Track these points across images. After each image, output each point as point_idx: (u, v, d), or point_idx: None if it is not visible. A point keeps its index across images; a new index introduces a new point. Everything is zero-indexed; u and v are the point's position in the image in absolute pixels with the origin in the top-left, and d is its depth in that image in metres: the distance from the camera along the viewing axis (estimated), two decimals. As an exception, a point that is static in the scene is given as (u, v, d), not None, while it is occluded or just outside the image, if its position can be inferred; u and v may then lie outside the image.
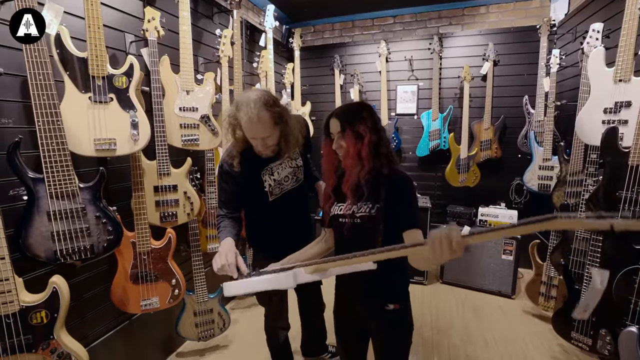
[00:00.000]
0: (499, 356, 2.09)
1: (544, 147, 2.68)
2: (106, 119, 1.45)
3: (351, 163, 1.11)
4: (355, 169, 1.11)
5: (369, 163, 1.10)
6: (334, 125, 1.14)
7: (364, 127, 1.10)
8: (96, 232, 1.41)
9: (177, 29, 1.88)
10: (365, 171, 1.10)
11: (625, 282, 1.40)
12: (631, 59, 1.57)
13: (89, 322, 1.67)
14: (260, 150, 1.38)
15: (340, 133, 1.13)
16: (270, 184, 1.48)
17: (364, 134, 1.10)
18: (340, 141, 1.13)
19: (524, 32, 3.10)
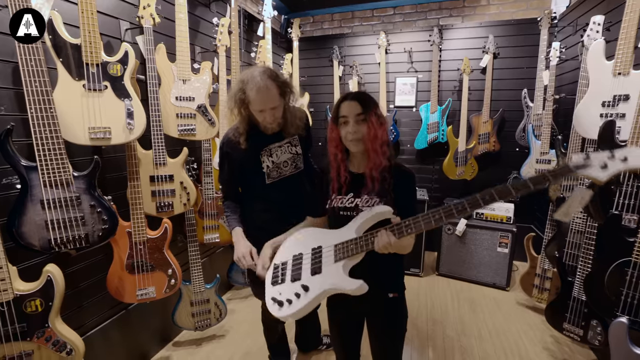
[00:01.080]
0: (492, 347, 2.12)
1: (541, 140, 2.68)
2: (101, 107, 1.44)
3: (376, 147, 1.06)
4: (379, 156, 1.07)
5: (389, 151, 1.09)
6: (352, 107, 1.08)
7: (381, 112, 1.10)
8: (91, 221, 1.40)
9: (174, 17, 1.85)
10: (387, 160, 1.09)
11: (617, 274, 1.42)
12: (631, 52, 1.56)
13: (85, 311, 1.68)
14: (268, 122, 1.39)
15: (360, 115, 1.07)
16: (268, 165, 1.47)
17: (383, 121, 1.09)
18: (360, 125, 1.07)
19: (525, 24, 3.08)
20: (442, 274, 3.06)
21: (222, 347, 2.14)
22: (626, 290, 1.39)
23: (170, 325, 2.11)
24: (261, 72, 1.32)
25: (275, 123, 1.41)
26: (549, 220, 2.41)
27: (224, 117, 2.22)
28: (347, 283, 0.99)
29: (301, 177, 1.57)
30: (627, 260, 1.39)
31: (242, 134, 1.43)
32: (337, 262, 1.03)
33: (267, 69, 1.35)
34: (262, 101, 1.31)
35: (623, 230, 1.45)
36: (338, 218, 1.15)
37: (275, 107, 1.35)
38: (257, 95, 1.30)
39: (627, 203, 1.47)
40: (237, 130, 1.46)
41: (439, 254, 3.05)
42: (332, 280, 1.01)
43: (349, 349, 1.32)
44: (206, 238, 2.24)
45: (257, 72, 1.32)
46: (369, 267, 1.10)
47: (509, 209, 2.86)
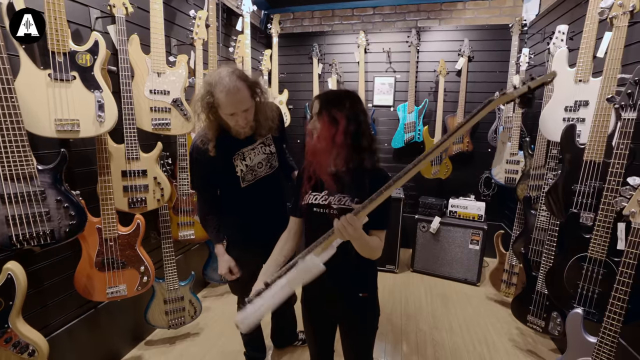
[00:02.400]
0: (462, 340, 2.21)
1: (511, 142, 2.80)
2: (68, 99, 1.38)
3: (322, 147, 1.07)
4: (326, 155, 1.08)
5: (344, 151, 1.08)
6: (315, 105, 1.12)
7: (340, 114, 1.07)
8: (57, 217, 1.35)
9: (148, 7, 1.79)
10: (341, 159, 1.09)
11: (575, 269, 1.52)
12: (590, 61, 1.66)
13: (51, 311, 1.61)
14: (241, 126, 1.34)
15: (317, 115, 1.10)
16: (242, 169, 1.46)
17: (339, 120, 1.07)
18: (316, 123, 1.10)
19: (498, 30, 3.20)
20: (417, 270, 3.15)
21: (197, 345, 2.12)
22: (582, 283, 1.49)
23: (143, 323, 2.06)
24: (229, 72, 1.26)
25: (247, 127, 1.37)
26: (517, 218, 2.53)
27: (200, 112, 2.18)
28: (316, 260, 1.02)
29: (276, 175, 1.58)
30: (584, 255, 1.49)
31: (211, 139, 1.37)
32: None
33: (235, 70, 1.29)
34: (232, 104, 1.26)
35: (581, 228, 1.55)
36: (312, 215, 1.16)
37: (247, 109, 1.31)
38: (227, 97, 1.24)
39: (585, 202, 1.57)
40: (205, 137, 1.39)
41: (413, 251, 3.13)
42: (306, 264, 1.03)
43: (322, 345, 1.34)
44: (181, 235, 2.20)
45: (225, 73, 1.26)
46: (339, 268, 1.12)
47: (481, 207, 2.97)
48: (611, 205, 1.35)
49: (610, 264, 1.39)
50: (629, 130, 1.29)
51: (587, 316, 1.44)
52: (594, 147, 1.52)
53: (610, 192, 1.36)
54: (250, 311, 1.04)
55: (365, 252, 1.07)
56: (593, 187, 1.54)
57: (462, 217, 3.01)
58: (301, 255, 1.06)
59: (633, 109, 1.28)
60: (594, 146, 1.52)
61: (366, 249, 1.06)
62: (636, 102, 1.26)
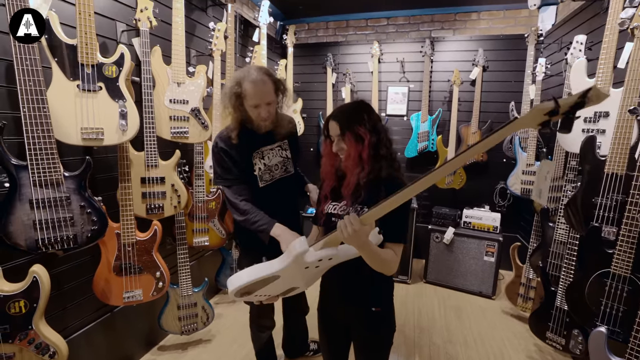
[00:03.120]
0: (477, 355, 2.15)
1: (527, 152, 2.76)
2: (94, 108, 1.43)
3: (352, 165, 1.09)
4: (355, 171, 1.09)
5: (368, 165, 1.09)
6: (333, 127, 1.12)
7: (363, 129, 1.08)
8: (80, 222, 1.39)
9: (170, 20, 1.86)
10: (365, 173, 1.09)
11: (597, 285, 1.47)
12: (610, 72, 1.64)
13: (70, 314, 1.65)
14: (263, 118, 1.38)
15: (340, 136, 1.11)
16: (260, 167, 1.47)
17: (364, 136, 1.08)
18: (341, 144, 1.11)
19: (513, 40, 3.18)
20: (430, 281, 3.10)
21: (208, 352, 2.12)
22: (605, 300, 1.44)
23: (156, 328, 2.08)
24: (257, 68, 1.37)
25: (269, 120, 1.41)
26: (534, 230, 2.48)
27: (217, 121, 2.23)
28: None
29: (291, 180, 1.59)
30: (607, 271, 1.44)
31: (234, 129, 1.42)
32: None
33: (262, 67, 1.39)
34: (258, 94, 1.32)
35: (603, 242, 1.51)
36: (330, 224, 1.17)
37: (270, 103, 1.37)
38: (253, 88, 1.31)
39: (607, 216, 1.53)
40: (228, 128, 1.46)
41: (426, 261, 3.09)
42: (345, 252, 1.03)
43: (336, 356, 1.33)
44: (195, 241, 2.23)
45: (253, 69, 1.36)
46: (352, 281, 1.13)
47: (496, 218, 2.92)
48: (636, 219, 1.31)
49: (636, 281, 1.35)
50: (653, 142, 1.26)
51: (612, 335, 1.39)
52: (616, 159, 1.49)
53: (634, 206, 1.32)
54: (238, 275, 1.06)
55: (376, 265, 1.03)
56: (615, 201, 1.50)
57: (476, 228, 2.96)
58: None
59: (657, 121, 1.25)
60: (616, 158, 1.49)
61: (377, 262, 1.02)
62: (660, 114, 1.24)
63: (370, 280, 1.15)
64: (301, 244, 1.00)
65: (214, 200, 2.27)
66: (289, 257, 1.02)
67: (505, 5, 3.25)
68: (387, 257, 1.05)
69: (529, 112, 0.68)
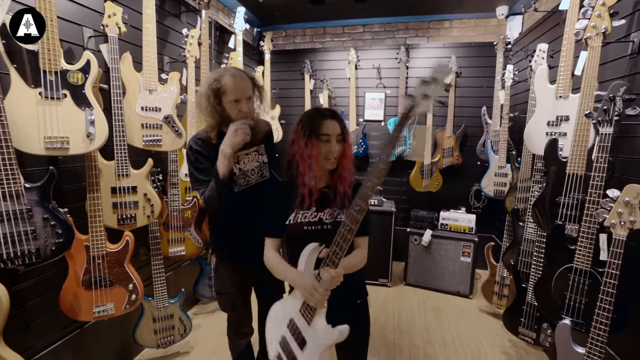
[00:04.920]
0: (455, 354, 2.20)
1: (499, 155, 2.87)
2: (59, 116, 1.38)
3: (350, 166, 1.15)
4: (352, 172, 1.15)
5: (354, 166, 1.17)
6: (334, 127, 1.12)
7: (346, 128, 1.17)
8: (43, 235, 1.33)
9: (141, 26, 1.83)
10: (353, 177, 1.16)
11: (562, 280, 1.53)
12: (569, 78, 1.73)
13: (34, 332, 1.56)
14: (245, 113, 1.37)
15: (340, 135, 1.13)
16: (235, 172, 1.45)
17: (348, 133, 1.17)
18: (339, 144, 1.14)
19: (483, 47, 3.32)
20: (409, 283, 3.14)
21: (186, 365, 2.07)
22: (569, 294, 1.50)
23: (131, 343, 2.01)
24: (232, 67, 1.44)
25: (249, 117, 1.40)
26: (506, 230, 2.57)
27: (192, 128, 2.19)
28: (332, 335, 1.05)
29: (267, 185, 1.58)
30: (570, 266, 1.51)
31: (214, 129, 1.41)
32: (312, 322, 1.08)
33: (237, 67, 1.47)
34: (239, 88, 1.33)
35: (566, 239, 1.58)
36: (301, 233, 1.16)
37: (250, 98, 1.38)
38: (233, 82, 1.32)
39: (570, 214, 1.61)
40: (205, 130, 1.44)
41: (406, 264, 3.13)
42: (319, 342, 1.07)
43: None
44: (171, 251, 2.18)
45: (229, 67, 1.42)
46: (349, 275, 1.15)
47: (471, 219, 3.00)
48: (593, 217, 1.38)
49: (595, 274, 1.42)
50: (606, 144, 1.34)
51: (576, 327, 1.45)
52: (576, 160, 1.57)
53: (592, 204, 1.39)
54: None
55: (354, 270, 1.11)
56: (576, 199, 1.57)
57: (453, 230, 3.03)
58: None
59: (609, 124, 1.33)
60: (576, 160, 1.57)
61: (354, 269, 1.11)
62: (612, 117, 1.32)
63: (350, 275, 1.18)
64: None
65: (190, 209, 2.23)
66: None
67: (476, 14, 3.39)
68: (359, 259, 1.13)
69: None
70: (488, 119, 3.22)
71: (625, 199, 1.19)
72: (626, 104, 1.31)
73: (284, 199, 1.21)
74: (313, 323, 1.08)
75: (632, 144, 1.54)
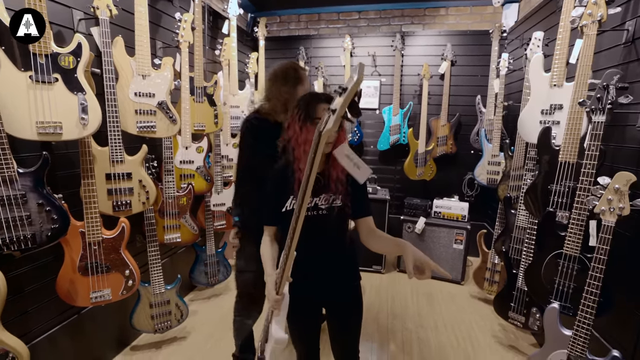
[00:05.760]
0: (447, 338, 2.26)
1: (492, 144, 2.89)
2: (50, 101, 1.36)
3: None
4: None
5: None
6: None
7: None
8: (38, 221, 1.32)
9: (133, 9, 1.78)
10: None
11: (551, 265, 1.58)
12: (564, 67, 1.75)
13: (31, 317, 1.57)
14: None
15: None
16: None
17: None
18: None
19: (479, 35, 3.30)
20: (403, 270, 3.19)
21: (183, 349, 2.10)
22: (558, 279, 1.55)
23: (128, 328, 2.03)
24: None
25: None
26: (498, 218, 2.61)
27: (186, 114, 2.17)
28: (272, 339, 1.14)
29: None
30: (560, 252, 1.55)
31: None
32: (271, 322, 1.18)
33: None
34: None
35: (557, 226, 1.62)
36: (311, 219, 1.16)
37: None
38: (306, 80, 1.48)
39: (561, 201, 1.64)
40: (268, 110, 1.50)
41: (400, 251, 3.18)
42: (271, 341, 1.16)
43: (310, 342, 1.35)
44: (167, 238, 2.18)
45: None
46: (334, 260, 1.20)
47: (464, 207, 3.05)
48: (584, 204, 1.42)
49: (584, 260, 1.46)
50: (598, 132, 1.36)
51: (563, 310, 1.50)
52: (568, 148, 1.60)
53: (583, 192, 1.43)
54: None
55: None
56: (568, 187, 1.61)
57: (446, 218, 3.08)
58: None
59: (602, 112, 1.35)
60: (568, 148, 1.60)
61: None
62: (605, 106, 1.34)
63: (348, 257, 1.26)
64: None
65: (185, 196, 2.23)
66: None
67: (472, 1, 3.36)
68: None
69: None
70: (482, 107, 3.23)
71: (616, 186, 1.22)
72: (619, 92, 1.32)
73: (279, 186, 1.20)
74: (272, 322, 1.16)
75: (623, 133, 1.57)
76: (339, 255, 1.24)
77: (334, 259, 1.23)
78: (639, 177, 1.24)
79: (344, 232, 1.23)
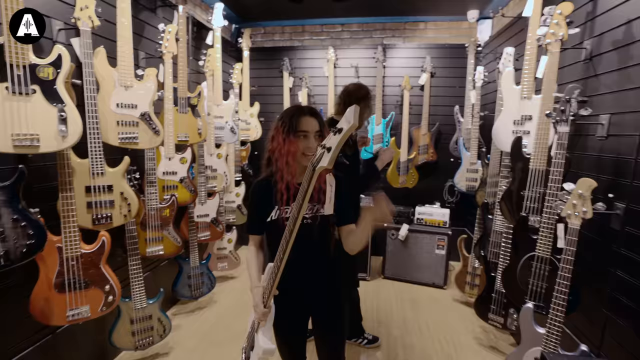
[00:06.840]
0: (431, 341, 2.30)
1: (470, 152, 3.01)
2: (28, 113, 1.33)
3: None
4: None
5: None
6: (312, 124, 1.14)
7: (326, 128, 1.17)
8: (13, 237, 1.28)
9: (115, 20, 1.78)
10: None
11: (526, 267, 1.66)
12: (532, 80, 1.86)
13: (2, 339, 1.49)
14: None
15: (318, 132, 1.15)
16: None
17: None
18: (317, 140, 1.14)
19: (456, 49, 3.45)
20: (388, 277, 3.24)
21: (166, 365, 2.04)
22: (532, 280, 1.62)
23: (107, 346, 1.96)
24: None
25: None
26: (477, 223, 2.70)
27: (169, 126, 2.16)
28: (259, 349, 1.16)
29: None
30: (533, 254, 1.63)
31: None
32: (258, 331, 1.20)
33: None
34: None
35: (530, 230, 1.71)
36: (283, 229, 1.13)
37: None
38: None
39: (533, 206, 1.73)
40: None
41: (384, 258, 3.23)
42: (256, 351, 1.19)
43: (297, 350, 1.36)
44: (149, 251, 2.14)
45: None
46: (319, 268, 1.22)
47: (445, 214, 3.14)
48: (552, 208, 1.50)
49: (554, 261, 1.54)
50: (563, 142, 1.46)
51: (537, 309, 1.57)
52: (538, 156, 1.69)
53: (551, 197, 1.51)
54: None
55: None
56: (539, 193, 1.70)
57: (428, 224, 3.16)
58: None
59: (566, 123, 1.44)
60: (538, 156, 1.69)
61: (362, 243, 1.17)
62: (568, 117, 1.43)
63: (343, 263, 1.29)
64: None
65: (168, 208, 2.20)
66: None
67: (449, 17, 3.52)
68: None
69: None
70: (460, 117, 3.36)
71: (579, 191, 1.31)
72: (580, 105, 1.43)
73: (264, 197, 1.22)
74: (259, 332, 1.18)
75: (585, 142, 1.69)
76: (324, 263, 1.26)
77: (319, 266, 1.25)
78: (600, 182, 1.33)
79: (328, 240, 1.25)
